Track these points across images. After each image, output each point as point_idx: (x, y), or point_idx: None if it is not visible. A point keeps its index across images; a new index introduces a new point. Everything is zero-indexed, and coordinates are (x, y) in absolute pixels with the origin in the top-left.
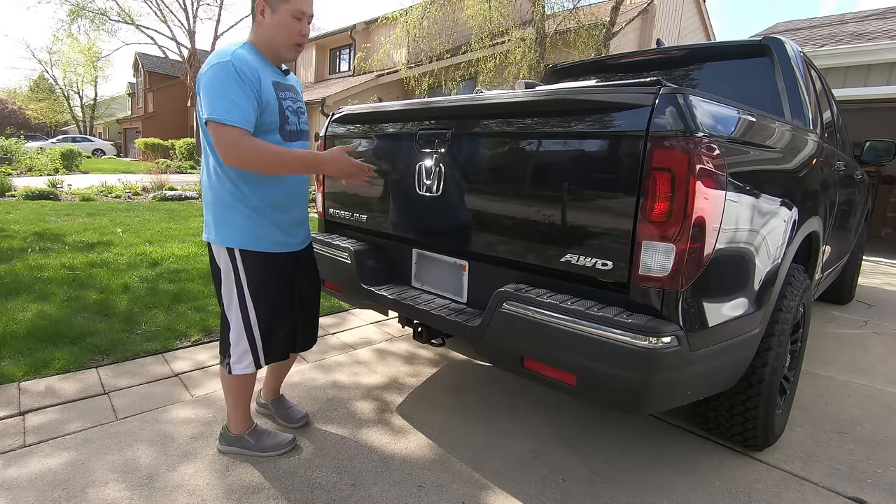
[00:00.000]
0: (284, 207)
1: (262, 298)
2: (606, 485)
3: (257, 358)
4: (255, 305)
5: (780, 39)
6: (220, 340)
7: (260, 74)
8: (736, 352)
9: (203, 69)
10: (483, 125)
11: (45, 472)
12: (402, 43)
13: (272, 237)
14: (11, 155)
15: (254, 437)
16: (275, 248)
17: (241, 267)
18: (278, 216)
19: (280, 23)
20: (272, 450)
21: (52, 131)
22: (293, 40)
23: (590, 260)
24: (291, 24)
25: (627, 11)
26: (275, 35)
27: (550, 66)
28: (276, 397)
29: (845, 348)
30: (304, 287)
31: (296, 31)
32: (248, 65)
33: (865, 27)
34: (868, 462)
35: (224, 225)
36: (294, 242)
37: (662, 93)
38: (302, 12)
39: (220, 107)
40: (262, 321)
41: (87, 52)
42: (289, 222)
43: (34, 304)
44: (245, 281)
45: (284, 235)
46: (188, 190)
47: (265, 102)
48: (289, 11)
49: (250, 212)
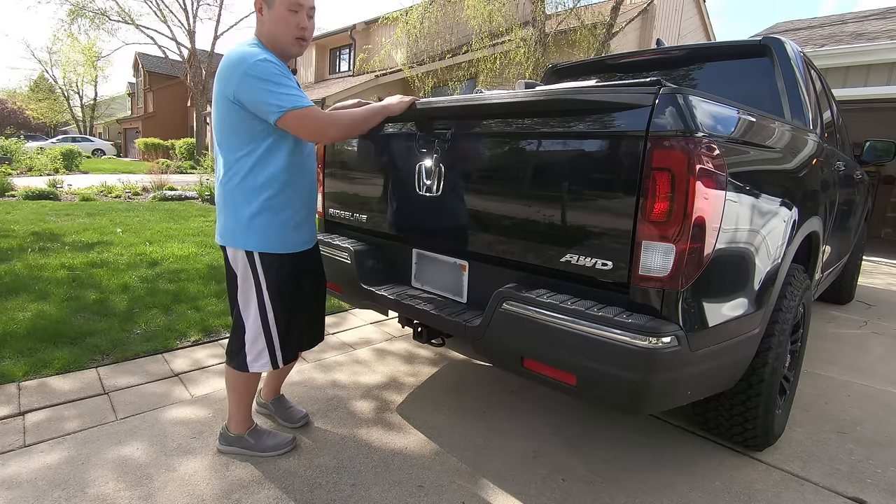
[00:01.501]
0: (300, 206)
1: (281, 300)
2: (606, 485)
3: (275, 358)
4: (274, 307)
5: (780, 39)
6: (230, 340)
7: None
8: (736, 352)
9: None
10: (483, 125)
11: (45, 471)
12: (402, 43)
13: (290, 238)
14: (11, 155)
15: (254, 437)
16: (292, 249)
17: (259, 270)
18: (294, 216)
19: (277, 17)
20: (272, 450)
21: (52, 131)
22: (293, 34)
23: (590, 260)
24: (288, 17)
25: (627, 11)
26: (275, 30)
27: (550, 65)
28: (277, 397)
29: (845, 348)
30: (314, 284)
31: (293, 24)
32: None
33: (865, 27)
34: (868, 462)
35: (241, 229)
36: (309, 240)
37: (662, 93)
38: (298, 4)
39: (287, 98)
40: (280, 323)
41: (87, 52)
42: (303, 220)
43: (34, 303)
44: (264, 283)
45: (300, 235)
46: (188, 190)
47: None
48: (284, 4)
49: (268, 214)
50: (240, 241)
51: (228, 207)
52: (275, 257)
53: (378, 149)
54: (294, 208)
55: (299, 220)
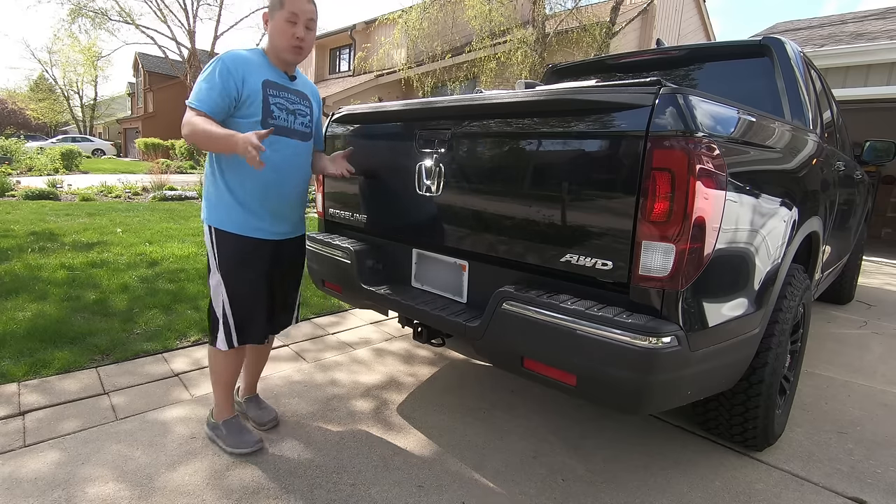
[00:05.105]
0: (259, 197)
1: (231, 277)
2: (606, 485)
3: (229, 336)
4: (226, 284)
5: (780, 39)
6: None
7: (248, 71)
8: (736, 352)
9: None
10: (483, 125)
11: (45, 471)
12: (401, 43)
13: (245, 222)
14: (11, 155)
15: (226, 428)
16: (245, 232)
17: (214, 244)
18: (252, 203)
19: (276, 28)
20: (233, 447)
21: (52, 131)
22: (289, 42)
23: (590, 260)
24: (286, 28)
25: (627, 11)
26: (275, 39)
27: (550, 66)
28: (252, 396)
29: (845, 348)
30: (283, 275)
31: (290, 34)
32: (237, 61)
33: (865, 27)
34: (868, 462)
35: (208, 205)
36: (271, 230)
37: (662, 93)
38: (294, 14)
39: (192, 92)
40: (234, 301)
41: (87, 52)
42: (264, 211)
43: (34, 303)
44: (216, 258)
45: (258, 221)
46: (188, 190)
47: (246, 95)
48: (282, 16)
49: (227, 195)
50: (205, 215)
51: (204, 187)
52: (227, 235)
53: (378, 149)
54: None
55: (258, 208)
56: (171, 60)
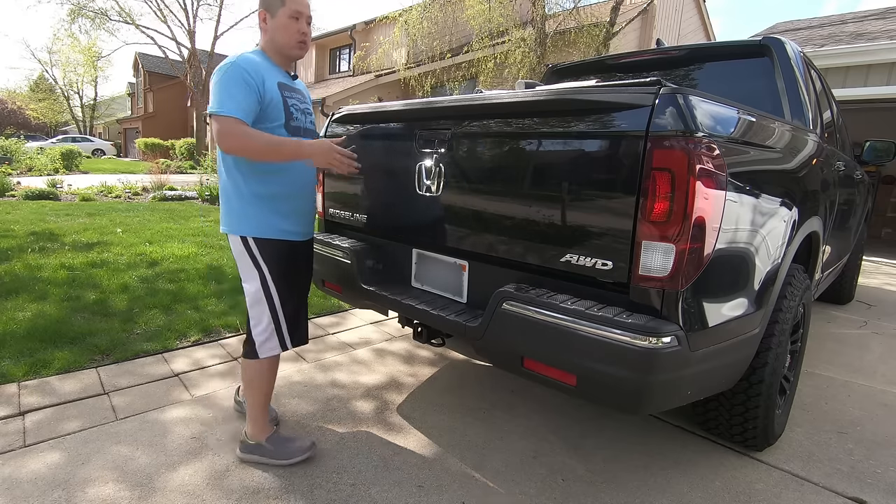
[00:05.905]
0: (290, 200)
1: (282, 282)
2: (606, 485)
3: (283, 339)
4: (278, 290)
5: (780, 39)
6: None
7: (264, 74)
8: (736, 352)
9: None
10: (483, 125)
11: (45, 471)
12: (401, 43)
13: (281, 226)
14: (11, 155)
15: (273, 444)
16: (284, 237)
17: (257, 253)
18: (283, 207)
19: (279, 25)
20: (289, 457)
21: (52, 131)
22: (295, 38)
23: (590, 260)
24: (290, 25)
25: (627, 11)
26: (278, 37)
27: (550, 65)
28: None
29: (845, 348)
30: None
31: (295, 30)
32: (253, 65)
33: (865, 27)
34: (868, 462)
35: (234, 215)
36: (301, 231)
37: (662, 93)
38: (298, 12)
39: (220, 101)
40: (285, 304)
41: (87, 52)
42: (294, 214)
43: (34, 303)
44: (264, 266)
45: (292, 225)
46: (188, 190)
47: (269, 99)
48: (286, 13)
49: (257, 202)
50: (231, 227)
51: (224, 196)
52: (267, 242)
53: (378, 149)
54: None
55: (286, 209)
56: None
